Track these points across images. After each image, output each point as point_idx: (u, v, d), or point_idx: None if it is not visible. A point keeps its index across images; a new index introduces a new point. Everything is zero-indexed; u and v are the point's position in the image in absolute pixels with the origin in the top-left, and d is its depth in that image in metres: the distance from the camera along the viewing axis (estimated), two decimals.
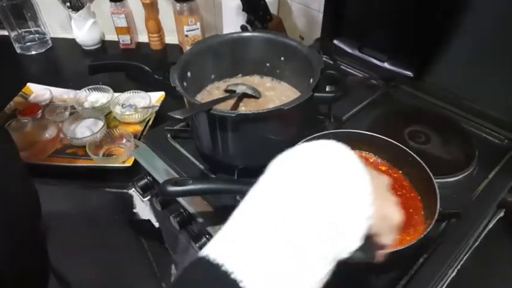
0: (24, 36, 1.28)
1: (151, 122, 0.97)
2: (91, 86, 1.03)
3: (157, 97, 1.03)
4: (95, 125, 0.95)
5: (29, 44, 1.28)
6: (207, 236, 0.66)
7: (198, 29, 1.20)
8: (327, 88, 0.68)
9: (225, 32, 1.14)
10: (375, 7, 0.87)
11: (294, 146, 0.33)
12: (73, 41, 1.29)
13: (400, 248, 0.51)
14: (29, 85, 1.09)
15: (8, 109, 1.02)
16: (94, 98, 1.03)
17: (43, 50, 1.29)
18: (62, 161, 0.88)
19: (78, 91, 1.03)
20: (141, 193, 0.80)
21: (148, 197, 0.84)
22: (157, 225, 0.95)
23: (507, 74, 0.71)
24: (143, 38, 1.31)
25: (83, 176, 0.87)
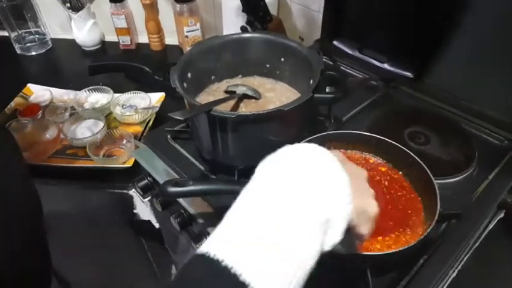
0: (24, 36, 1.28)
1: (151, 123, 0.97)
2: (91, 87, 1.04)
3: (157, 98, 1.03)
4: (95, 125, 0.95)
5: (29, 44, 1.28)
6: (207, 237, 0.66)
7: (198, 29, 1.20)
8: (327, 89, 0.68)
9: (225, 33, 1.14)
10: (375, 8, 0.87)
11: (280, 149, 0.36)
12: (73, 41, 1.29)
13: (400, 249, 0.51)
14: (29, 86, 1.09)
15: (9, 110, 1.02)
16: (94, 98, 1.03)
17: (43, 51, 1.30)
18: (62, 162, 0.88)
19: (78, 92, 1.03)
20: (141, 194, 0.80)
21: (149, 198, 0.84)
22: (157, 225, 0.95)
23: (507, 75, 0.71)
24: (143, 38, 1.31)
25: (83, 176, 0.87)
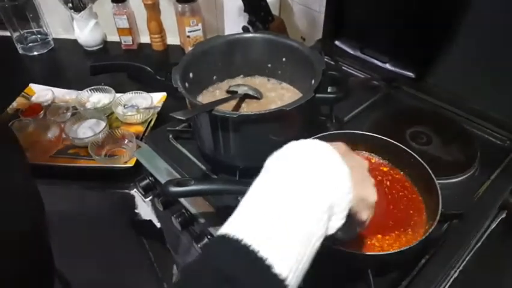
0: (26, 37, 1.28)
1: (152, 123, 0.97)
2: (93, 87, 1.04)
3: (158, 98, 1.03)
4: (97, 125, 0.95)
5: (31, 44, 1.29)
6: (208, 237, 0.66)
7: (200, 30, 1.21)
8: (329, 89, 0.68)
9: (227, 33, 1.14)
10: (377, 8, 0.87)
11: (286, 145, 0.40)
12: (75, 41, 1.29)
13: (402, 249, 0.51)
14: (31, 86, 1.10)
15: (11, 109, 1.03)
16: (96, 98, 1.03)
17: (45, 51, 1.30)
18: (64, 162, 0.89)
19: (80, 92, 1.03)
20: (143, 193, 0.80)
21: (150, 198, 0.85)
22: (158, 225, 0.95)
23: (509, 75, 0.71)
24: (145, 38, 1.31)
25: (85, 176, 0.87)
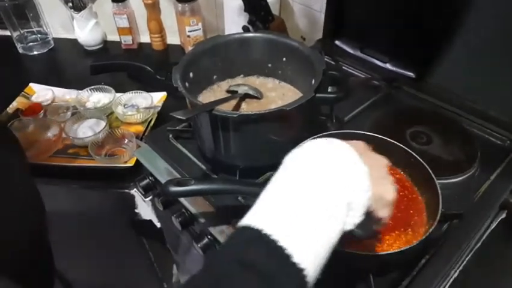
0: (26, 36, 1.28)
1: (153, 123, 0.97)
2: (93, 86, 1.04)
3: (159, 97, 1.03)
4: (97, 125, 0.95)
5: (31, 44, 1.28)
6: (208, 237, 0.66)
7: (200, 29, 1.20)
8: (329, 89, 0.68)
9: (227, 32, 1.14)
10: (377, 8, 0.87)
11: (304, 143, 0.40)
12: (75, 41, 1.29)
13: (402, 249, 0.51)
14: (31, 85, 1.10)
15: (11, 109, 1.02)
16: (96, 98, 1.03)
17: (45, 50, 1.30)
18: (64, 161, 0.88)
19: (80, 91, 1.03)
20: (143, 193, 0.80)
21: (150, 197, 0.85)
22: (158, 225, 0.95)
23: (509, 75, 0.71)
24: (145, 38, 1.31)
25: (85, 176, 0.87)
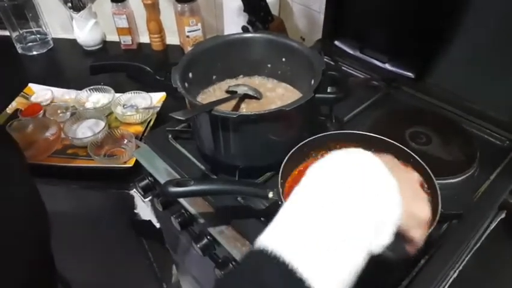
0: (25, 36, 1.28)
1: (152, 123, 0.97)
2: (92, 87, 1.04)
3: (158, 98, 1.03)
4: (96, 125, 0.95)
5: (30, 44, 1.28)
6: (208, 237, 0.66)
7: (199, 29, 1.20)
8: (329, 89, 0.68)
9: (226, 32, 1.14)
10: (376, 8, 0.87)
11: (330, 154, 0.37)
12: (74, 41, 1.29)
13: None
14: (31, 85, 1.10)
15: (10, 109, 1.02)
16: (95, 98, 1.03)
17: (44, 51, 1.30)
18: (63, 161, 0.88)
19: (79, 91, 1.03)
20: (142, 194, 0.80)
21: (149, 198, 0.84)
22: (158, 225, 0.95)
23: (508, 75, 0.71)
24: (145, 38, 1.31)
25: (84, 176, 0.87)
